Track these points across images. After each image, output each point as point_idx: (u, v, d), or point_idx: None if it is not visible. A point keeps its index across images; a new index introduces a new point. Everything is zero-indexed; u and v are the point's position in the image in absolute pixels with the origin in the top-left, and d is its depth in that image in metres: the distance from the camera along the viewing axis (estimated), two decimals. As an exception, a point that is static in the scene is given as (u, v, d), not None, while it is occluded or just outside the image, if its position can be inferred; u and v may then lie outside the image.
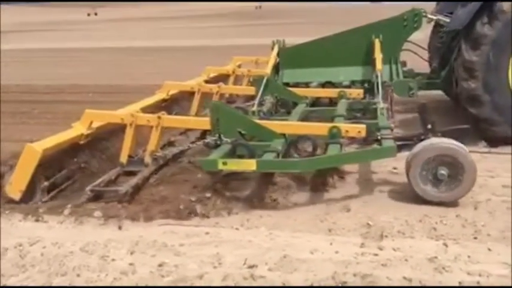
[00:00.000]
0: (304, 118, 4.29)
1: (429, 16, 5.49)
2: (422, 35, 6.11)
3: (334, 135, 3.50)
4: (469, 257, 2.67)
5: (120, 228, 3.11)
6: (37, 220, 3.27)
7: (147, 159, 3.85)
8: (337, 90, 4.99)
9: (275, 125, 3.72)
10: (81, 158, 3.85)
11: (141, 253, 2.79)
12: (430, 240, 2.90)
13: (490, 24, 4.44)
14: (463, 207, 3.32)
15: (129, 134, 3.80)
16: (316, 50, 5.61)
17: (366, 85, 5.33)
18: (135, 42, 18.74)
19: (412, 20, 5.38)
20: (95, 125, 3.91)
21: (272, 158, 3.37)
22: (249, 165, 3.28)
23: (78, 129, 3.80)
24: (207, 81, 5.84)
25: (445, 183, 3.32)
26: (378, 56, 5.06)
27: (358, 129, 3.56)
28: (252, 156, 3.37)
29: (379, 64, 4.93)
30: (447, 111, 5.69)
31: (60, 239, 2.98)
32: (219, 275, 2.54)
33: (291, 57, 5.63)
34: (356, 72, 5.48)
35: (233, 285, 2.46)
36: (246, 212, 3.31)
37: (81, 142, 3.81)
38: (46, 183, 3.53)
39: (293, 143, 3.57)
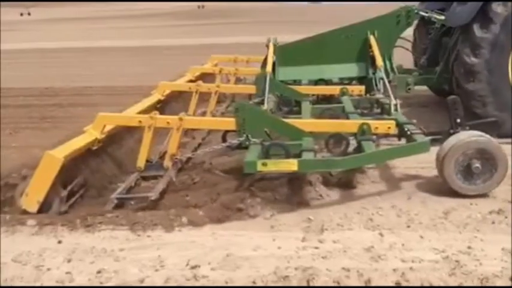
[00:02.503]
0: (318, 116, 4.24)
1: (421, 13, 5.60)
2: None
3: (364, 132, 3.51)
4: (403, 245, 2.80)
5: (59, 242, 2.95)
6: (-35, 232, 3.07)
7: (167, 163, 3.69)
8: (339, 87, 4.98)
9: (303, 124, 3.69)
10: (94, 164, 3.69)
11: (78, 261, 2.70)
12: (367, 230, 3.01)
13: (487, 27, 4.57)
14: (397, 198, 3.48)
15: (147, 137, 3.64)
16: (312, 47, 5.57)
17: (353, 82, 5.39)
18: (70, 42, 18.00)
19: (405, 17, 5.48)
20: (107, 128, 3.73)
21: (313, 158, 3.31)
22: (290, 165, 3.17)
23: (91, 134, 3.61)
24: (191, 81, 5.80)
25: (478, 176, 3.38)
26: (376, 52, 5.10)
27: (387, 125, 3.60)
28: (288, 156, 3.28)
29: (379, 60, 4.96)
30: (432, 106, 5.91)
31: (-10, 251, 2.82)
32: (161, 277, 2.50)
33: (287, 54, 5.56)
34: (351, 69, 5.50)
35: (175, 285, 2.44)
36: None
37: (94, 148, 3.62)
38: (65, 192, 3.33)
39: (327, 141, 3.54)
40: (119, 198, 3.37)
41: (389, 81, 4.90)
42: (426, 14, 5.61)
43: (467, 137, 3.45)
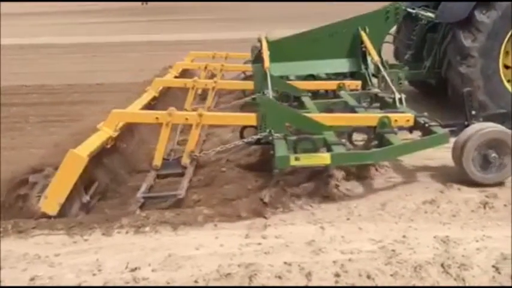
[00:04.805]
0: (323, 110, 4.24)
1: (409, 10, 5.73)
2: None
3: (384, 125, 3.56)
4: (342, 237, 2.88)
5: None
6: None
7: (186, 160, 3.61)
8: (336, 82, 5.03)
9: (323, 118, 3.70)
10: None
11: (10, 268, 2.57)
12: (309, 225, 3.07)
13: (473, 37, 4.68)
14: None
15: (164, 134, 3.53)
16: (303, 43, 5.57)
17: (340, 77, 5.42)
18: (6, 39, 16.98)
19: (393, 13, 5.56)
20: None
21: (346, 151, 3.34)
22: (323, 159, 3.22)
23: (106, 132, 3.45)
24: (176, 77, 5.75)
25: (494, 165, 3.47)
26: (370, 47, 5.16)
27: (406, 118, 3.67)
28: (315, 150, 3.31)
29: (375, 55, 5.03)
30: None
31: None
32: (99, 282, 2.43)
33: (279, 50, 5.48)
34: (344, 64, 5.53)
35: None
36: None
37: (108, 146, 3.47)
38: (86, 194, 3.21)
39: (349, 134, 3.60)
40: (145, 197, 3.28)
41: (383, 76, 4.99)
42: (414, 11, 5.79)
43: (484, 128, 3.57)
